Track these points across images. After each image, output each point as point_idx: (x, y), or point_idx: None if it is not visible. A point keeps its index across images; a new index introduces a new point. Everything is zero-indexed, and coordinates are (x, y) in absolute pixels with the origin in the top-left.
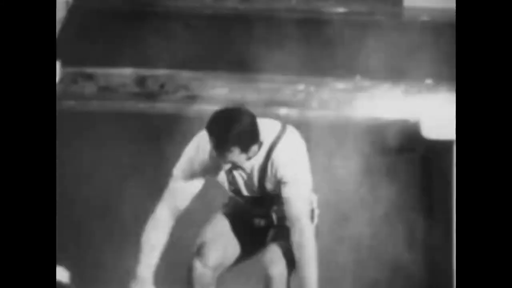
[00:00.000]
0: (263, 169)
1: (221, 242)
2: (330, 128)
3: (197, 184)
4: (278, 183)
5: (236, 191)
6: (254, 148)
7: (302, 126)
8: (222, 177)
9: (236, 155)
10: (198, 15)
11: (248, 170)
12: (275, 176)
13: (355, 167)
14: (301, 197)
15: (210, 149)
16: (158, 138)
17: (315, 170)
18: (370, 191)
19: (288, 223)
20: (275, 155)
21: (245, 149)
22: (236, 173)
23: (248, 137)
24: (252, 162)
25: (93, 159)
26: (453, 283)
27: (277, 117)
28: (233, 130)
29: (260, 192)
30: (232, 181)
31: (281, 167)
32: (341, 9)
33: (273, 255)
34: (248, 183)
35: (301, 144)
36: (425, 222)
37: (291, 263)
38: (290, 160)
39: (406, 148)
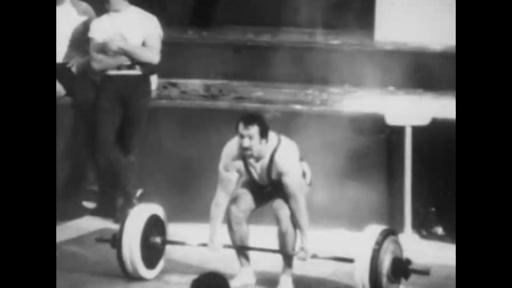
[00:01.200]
0: (269, 168)
1: (247, 196)
2: (327, 117)
3: (235, 174)
4: (280, 174)
5: (252, 180)
6: None
7: (310, 117)
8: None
9: None
10: (243, 45)
11: (258, 169)
12: (277, 171)
13: (342, 143)
14: (295, 182)
15: (234, 157)
16: (217, 123)
17: (315, 144)
18: (352, 159)
19: (287, 196)
20: (276, 159)
21: None
22: (251, 169)
23: None
24: (260, 163)
25: (178, 136)
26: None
27: (293, 111)
28: None
29: (268, 180)
30: (250, 175)
31: (280, 166)
32: (335, 41)
33: (280, 203)
34: (260, 176)
35: (291, 148)
36: (385, 174)
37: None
38: (285, 161)
39: (375, 131)
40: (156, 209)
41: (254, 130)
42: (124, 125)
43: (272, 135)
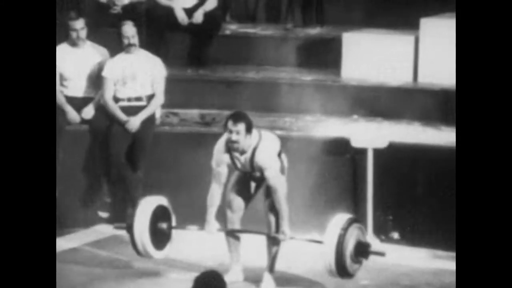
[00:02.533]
0: (251, 161)
1: (237, 199)
2: (303, 141)
3: (225, 168)
4: (260, 168)
5: (238, 169)
6: None
7: (289, 141)
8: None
9: None
10: (233, 81)
11: (242, 161)
12: (257, 165)
13: (315, 162)
14: (273, 175)
15: (223, 152)
16: (211, 145)
17: (293, 163)
18: (323, 175)
19: (268, 187)
20: (256, 154)
21: None
22: (236, 161)
23: None
24: (244, 156)
25: (178, 156)
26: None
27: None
28: None
29: (251, 170)
30: (235, 166)
31: (259, 161)
32: (308, 77)
33: (268, 210)
34: (244, 166)
35: (271, 144)
36: (351, 187)
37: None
38: (264, 157)
39: (342, 152)
40: (161, 200)
41: (241, 126)
42: (133, 147)
43: (254, 131)
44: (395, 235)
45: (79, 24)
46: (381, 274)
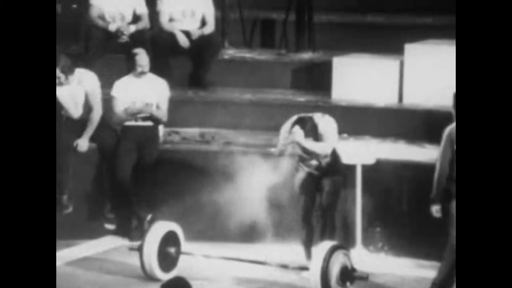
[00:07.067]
0: (315, 129)
1: (304, 196)
2: (296, 157)
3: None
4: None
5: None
6: None
7: (283, 158)
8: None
9: None
10: (231, 102)
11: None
12: (321, 128)
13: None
14: (334, 137)
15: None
16: (210, 161)
17: (286, 179)
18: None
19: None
20: (321, 125)
21: None
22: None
23: None
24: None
25: (180, 172)
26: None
27: (270, 153)
28: None
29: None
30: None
31: (322, 125)
32: (301, 99)
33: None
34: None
35: (332, 121)
36: (341, 201)
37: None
38: (327, 125)
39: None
40: (172, 226)
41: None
42: (139, 164)
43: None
44: (382, 245)
45: (65, 62)
46: (368, 282)
